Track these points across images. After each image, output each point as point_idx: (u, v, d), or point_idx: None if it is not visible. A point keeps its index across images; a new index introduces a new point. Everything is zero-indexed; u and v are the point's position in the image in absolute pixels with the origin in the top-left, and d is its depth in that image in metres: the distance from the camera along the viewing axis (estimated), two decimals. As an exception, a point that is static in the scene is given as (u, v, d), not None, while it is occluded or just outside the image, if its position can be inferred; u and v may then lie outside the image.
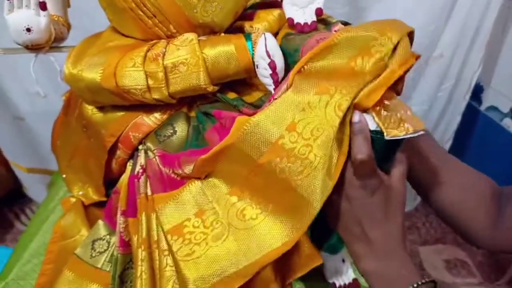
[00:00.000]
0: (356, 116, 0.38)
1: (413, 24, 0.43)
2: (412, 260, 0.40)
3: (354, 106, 0.38)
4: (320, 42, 0.42)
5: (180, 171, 0.47)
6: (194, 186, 0.46)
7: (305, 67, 0.41)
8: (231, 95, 0.51)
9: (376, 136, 0.38)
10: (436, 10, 0.99)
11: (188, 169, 0.46)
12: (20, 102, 1.13)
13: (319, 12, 0.48)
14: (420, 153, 0.46)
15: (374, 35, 0.38)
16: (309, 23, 0.48)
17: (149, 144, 0.52)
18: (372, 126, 0.38)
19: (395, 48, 0.38)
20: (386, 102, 0.39)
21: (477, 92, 1.24)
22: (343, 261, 0.55)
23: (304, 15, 0.48)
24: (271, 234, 0.40)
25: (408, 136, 0.37)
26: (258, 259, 0.40)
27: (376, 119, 0.38)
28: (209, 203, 0.45)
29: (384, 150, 0.39)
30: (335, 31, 0.46)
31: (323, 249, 0.52)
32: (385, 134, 0.37)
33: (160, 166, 0.50)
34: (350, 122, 0.38)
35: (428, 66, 1.07)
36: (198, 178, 0.47)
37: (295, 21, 0.48)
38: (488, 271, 1.18)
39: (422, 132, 0.37)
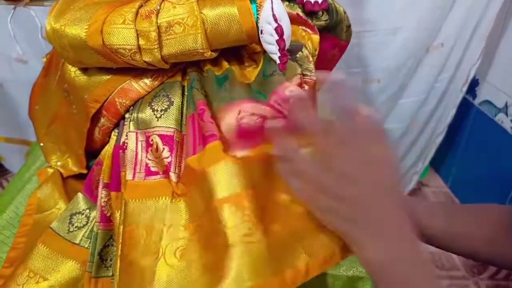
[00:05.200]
0: None
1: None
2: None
3: None
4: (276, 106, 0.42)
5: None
6: (162, 201, 0.43)
7: None
8: (224, 65, 0.48)
9: None
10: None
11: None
12: (-3, 66, 1.07)
13: None
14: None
15: None
16: (319, 1, 0.44)
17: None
18: None
19: None
20: None
21: (472, 85, 1.22)
22: None
23: None
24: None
25: None
26: None
27: None
28: (163, 226, 0.42)
29: None
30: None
31: None
32: None
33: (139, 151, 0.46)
34: None
35: (427, 54, 1.04)
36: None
37: None
38: (472, 265, 1.18)
39: None
